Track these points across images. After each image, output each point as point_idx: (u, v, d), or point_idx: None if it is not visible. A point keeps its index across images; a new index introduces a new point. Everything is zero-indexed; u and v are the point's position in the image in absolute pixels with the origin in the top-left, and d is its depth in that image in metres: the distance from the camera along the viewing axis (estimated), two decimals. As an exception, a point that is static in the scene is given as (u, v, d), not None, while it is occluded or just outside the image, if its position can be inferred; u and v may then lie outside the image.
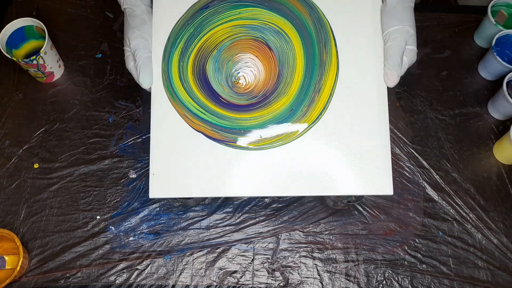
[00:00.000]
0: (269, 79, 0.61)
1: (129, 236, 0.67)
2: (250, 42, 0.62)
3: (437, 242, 0.68)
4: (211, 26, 0.62)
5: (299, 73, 0.61)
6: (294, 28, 0.62)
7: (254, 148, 0.59)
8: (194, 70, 0.61)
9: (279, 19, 0.62)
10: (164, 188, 0.57)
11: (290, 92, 0.61)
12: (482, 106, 0.79)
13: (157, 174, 0.58)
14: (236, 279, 0.65)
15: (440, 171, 0.73)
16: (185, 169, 0.58)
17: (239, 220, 0.69)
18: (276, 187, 0.57)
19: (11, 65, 0.78)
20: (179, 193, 0.58)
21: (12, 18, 0.77)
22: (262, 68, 0.62)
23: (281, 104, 0.60)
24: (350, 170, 0.58)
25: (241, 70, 0.61)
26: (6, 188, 0.69)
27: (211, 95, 0.60)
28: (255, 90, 0.61)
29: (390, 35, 0.60)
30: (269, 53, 0.62)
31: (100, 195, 0.69)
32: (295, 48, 0.62)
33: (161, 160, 0.58)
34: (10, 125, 0.74)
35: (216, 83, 0.60)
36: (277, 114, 0.60)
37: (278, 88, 0.61)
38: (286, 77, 0.61)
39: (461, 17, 0.87)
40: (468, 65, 0.83)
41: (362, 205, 0.70)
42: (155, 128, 0.58)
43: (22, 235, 0.66)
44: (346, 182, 0.57)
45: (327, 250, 0.67)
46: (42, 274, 0.64)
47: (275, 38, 0.62)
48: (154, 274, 0.65)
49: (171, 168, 0.58)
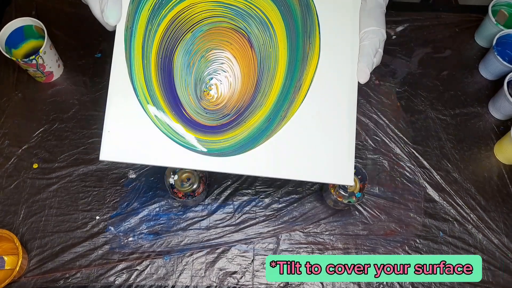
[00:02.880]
0: (246, 90, 0.55)
1: (129, 236, 0.67)
2: (230, 33, 0.55)
3: (438, 243, 0.68)
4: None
5: (279, 78, 0.56)
6: (281, 16, 0.57)
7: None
8: (160, 56, 0.53)
9: (267, 2, 0.57)
10: (118, 150, 0.52)
11: (267, 102, 0.55)
12: (482, 106, 0.79)
13: (113, 132, 0.52)
14: (236, 279, 0.65)
15: (440, 171, 0.73)
16: (143, 132, 0.52)
17: (239, 221, 0.68)
18: (235, 164, 0.53)
19: (11, 64, 0.77)
20: (135, 158, 0.52)
21: (12, 17, 0.77)
22: (240, 74, 0.55)
23: (257, 118, 0.55)
24: (314, 159, 0.56)
25: (215, 74, 0.54)
26: (5, 188, 0.69)
27: (173, 105, 0.53)
28: (227, 105, 0.54)
29: (367, 34, 0.61)
30: (250, 53, 0.56)
31: (100, 195, 0.69)
32: (279, 44, 0.56)
33: (118, 118, 0.52)
34: (9, 125, 0.73)
35: (183, 87, 0.54)
36: (252, 131, 0.54)
37: (255, 101, 0.55)
38: (265, 88, 0.55)
39: (462, 17, 0.87)
40: (469, 64, 0.83)
41: (363, 205, 0.70)
42: (115, 79, 0.53)
43: (21, 235, 0.66)
44: (309, 169, 0.55)
45: (328, 251, 0.67)
46: (41, 275, 0.64)
47: (259, 31, 0.56)
48: (154, 275, 0.65)
49: (129, 129, 0.52)
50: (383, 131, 0.76)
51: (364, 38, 0.61)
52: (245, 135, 0.54)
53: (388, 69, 0.81)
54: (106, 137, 0.52)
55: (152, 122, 0.53)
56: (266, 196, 0.70)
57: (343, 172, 0.57)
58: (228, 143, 0.54)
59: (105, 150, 0.52)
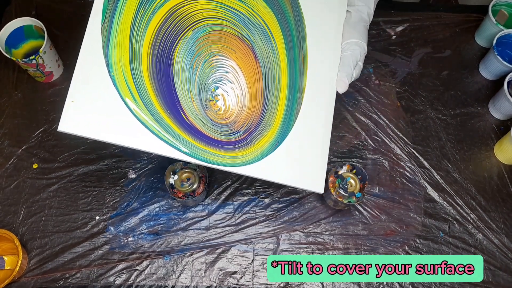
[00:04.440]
0: (254, 107, 0.52)
1: (129, 236, 0.67)
2: (234, 40, 0.53)
3: (438, 243, 0.68)
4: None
5: (283, 95, 0.54)
6: (279, 25, 0.56)
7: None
8: (155, 48, 0.50)
9: (266, 10, 0.55)
10: (80, 122, 0.48)
11: (275, 122, 0.53)
12: (483, 106, 0.79)
13: (77, 102, 0.48)
14: (236, 279, 0.65)
15: (441, 171, 0.73)
16: (108, 107, 0.49)
17: (239, 221, 0.68)
18: (201, 155, 0.50)
19: (10, 64, 0.77)
20: (99, 134, 0.48)
21: (11, 17, 0.77)
22: (246, 88, 0.52)
23: (266, 140, 0.52)
24: (289, 165, 0.55)
25: (221, 84, 0.51)
26: (5, 188, 0.69)
27: (170, 104, 0.50)
28: (236, 121, 0.51)
29: (349, 45, 0.61)
30: (254, 64, 0.54)
31: (100, 195, 0.69)
32: (280, 58, 0.55)
33: (84, 88, 0.49)
34: (9, 125, 0.73)
35: (185, 90, 0.50)
36: (260, 153, 0.51)
37: (263, 120, 0.52)
38: (272, 105, 0.53)
39: (462, 17, 0.87)
40: (469, 64, 0.83)
41: (363, 205, 0.70)
42: (88, 46, 0.50)
43: (21, 235, 0.66)
44: (283, 173, 0.54)
45: (328, 251, 0.67)
46: (41, 275, 0.64)
47: (262, 42, 0.54)
48: (154, 275, 0.65)
49: (95, 101, 0.49)
50: (383, 131, 0.76)
51: (346, 49, 0.62)
52: (253, 156, 0.51)
53: (388, 69, 0.82)
54: (68, 107, 0.49)
55: (122, 101, 0.50)
56: (266, 196, 0.70)
57: (316, 180, 0.56)
58: (232, 161, 0.50)
59: (65, 120, 0.48)
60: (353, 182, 0.67)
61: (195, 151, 0.50)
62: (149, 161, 0.71)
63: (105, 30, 0.51)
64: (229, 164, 0.51)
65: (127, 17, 0.51)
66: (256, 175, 0.53)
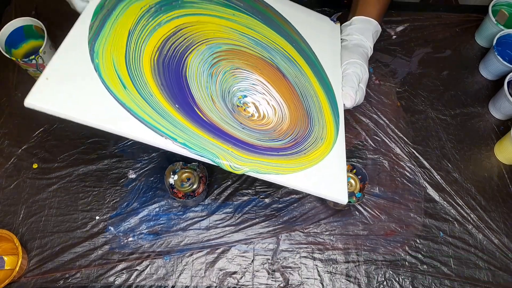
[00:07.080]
0: (297, 118, 0.52)
1: (129, 236, 0.67)
2: (255, 59, 0.52)
3: (438, 243, 0.68)
4: (196, 9, 0.51)
5: (326, 110, 0.55)
6: (296, 51, 0.57)
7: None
8: (163, 51, 0.49)
9: (279, 38, 0.57)
10: (50, 99, 0.45)
11: (328, 137, 0.53)
12: (483, 106, 0.79)
13: (51, 79, 0.46)
14: (236, 280, 0.65)
15: (441, 171, 0.73)
16: (86, 88, 0.46)
17: (239, 221, 0.68)
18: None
19: (11, 64, 0.77)
20: (65, 110, 0.45)
21: (11, 17, 0.77)
22: (282, 100, 0.52)
23: (319, 153, 0.53)
24: (324, 176, 0.56)
25: (249, 93, 0.50)
26: (5, 188, 0.69)
27: (182, 103, 0.48)
28: (277, 130, 0.50)
29: (350, 64, 0.65)
30: (284, 81, 0.53)
31: (99, 195, 0.69)
32: (310, 79, 0.56)
33: (62, 67, 0.47)
34: (9, 125, 0.73)
35: (204, 92, 0.49)
36: (311, 163, 0.52)
37: (313, 132, 0.53)
38: (319, 119, 0.53)
39: (462, 17, 0.87)
40: (469, 64, 0.83)
41: (363, 205, 0.70)
42: (74, 36, 0.49)
43: (21, 235, 0.66)
44: (316, 184, 0.55)
45: (328, 251, 0.67)
46: (41, 275, 0.64)
47: (286, 64, 0.55)
48: (154, 275, 0.65)
49: (71, 81, 0.46)
50: (383, 131, 0.76)
51: (347, 68, 0.65)
52: (304, 167, 0.51)
53: (388, 69, 0.81)
54: (41, 83, 0.46)
55: (104, 86, 0.47)
56: (266, 196, 0.70)
57: (340, 189, 0.57)
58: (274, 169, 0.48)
59: (35, 94, 0.45)
60: (353, 182, 0.67)
61: (214, 150, 0.48)
62: (149, 161, 0.71)
63: (95, 27, 0.51)
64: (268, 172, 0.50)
65: (125, 22, 0.52)
66: (295, 184, 0.54)
